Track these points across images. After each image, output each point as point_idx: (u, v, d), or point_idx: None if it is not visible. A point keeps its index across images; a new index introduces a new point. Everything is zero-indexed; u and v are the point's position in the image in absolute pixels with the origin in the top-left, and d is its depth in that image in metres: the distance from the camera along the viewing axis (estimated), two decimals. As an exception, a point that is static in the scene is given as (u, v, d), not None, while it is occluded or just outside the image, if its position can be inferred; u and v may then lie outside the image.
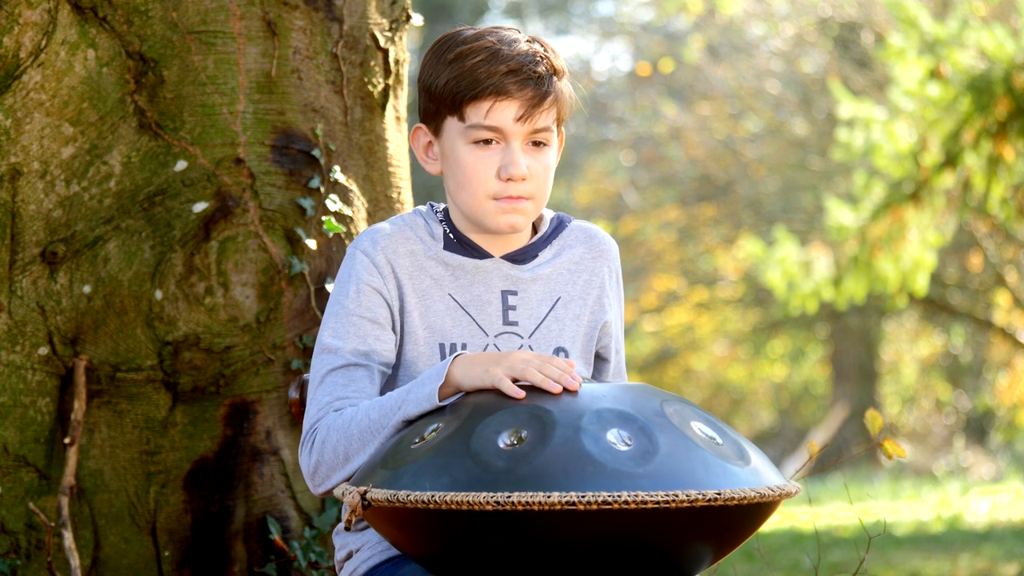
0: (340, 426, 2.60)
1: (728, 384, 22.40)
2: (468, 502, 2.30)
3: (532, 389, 2.47)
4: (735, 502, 2.33)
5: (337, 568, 2.77)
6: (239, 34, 3.50)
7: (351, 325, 2.68)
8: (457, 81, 2.67)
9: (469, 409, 2.46)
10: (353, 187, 3.59)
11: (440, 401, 2.53)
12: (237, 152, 3.48)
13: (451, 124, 2.70)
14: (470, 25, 2.77)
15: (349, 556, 2.73)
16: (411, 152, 3.85)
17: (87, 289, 3.42)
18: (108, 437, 3.43)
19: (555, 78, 2.70)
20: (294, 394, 2.91)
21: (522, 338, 2.74)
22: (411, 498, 2.35)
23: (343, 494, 2.47)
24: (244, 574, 3.44)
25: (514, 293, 2.75)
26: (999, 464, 19.44)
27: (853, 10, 16.72)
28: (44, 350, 3.41)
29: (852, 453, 3.59)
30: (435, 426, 2.46)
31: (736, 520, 2.37)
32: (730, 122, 18.87)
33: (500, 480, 2.31)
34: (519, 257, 2.77)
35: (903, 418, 21.50)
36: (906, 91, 9.92)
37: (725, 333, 20.36)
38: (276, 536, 3.43)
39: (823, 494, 13.03)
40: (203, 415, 3.45)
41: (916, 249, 10.28)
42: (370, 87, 3.63)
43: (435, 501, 2.32)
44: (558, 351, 2.77)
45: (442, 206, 2.80)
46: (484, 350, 2.71)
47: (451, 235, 2.76)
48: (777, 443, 21.91)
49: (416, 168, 4.05)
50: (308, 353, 3.50)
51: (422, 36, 16.71)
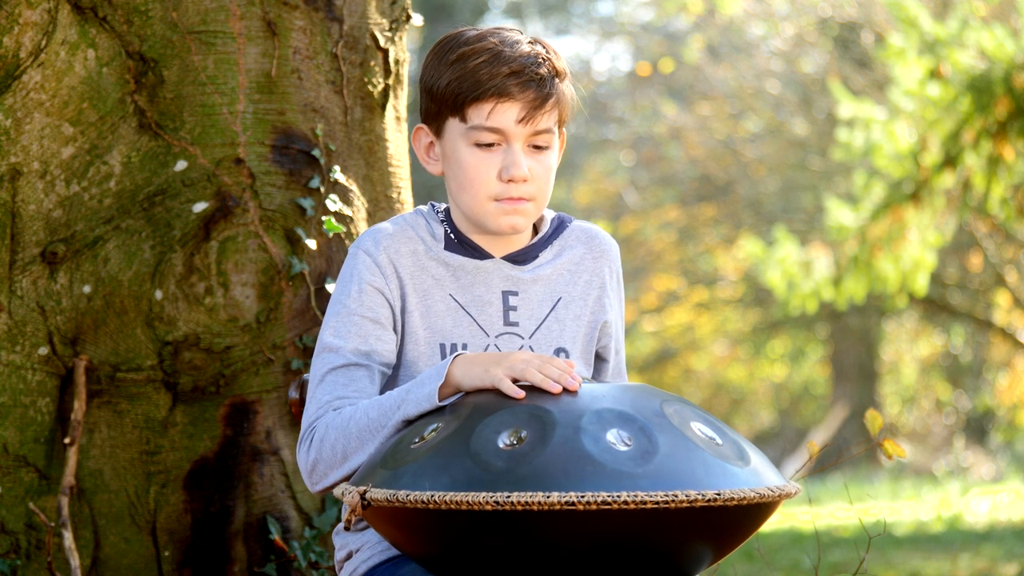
0: (339, 425, 2.60)
1: (728, 384, 22.40)
2: (468, 502, 2.30)
3: (532, 389, 2.47)
4: (735, 502, 2.33)
5: (337, 568, 2.77)
6: (239, 34, 3.50)
7: (352, 325, 2.68)
8: (459, 82, 2.67)
9: (469, 409, 2.46)
10: (353, 187, 3.58)
11: (440, 401, 2.52)
12: (237, 152, 3.48)
13: (453, 125, 2.70)
14: (470, 25, 2.77)
15: (349, 556, 2.73)
16: (411, 152, 3.85)
17: (87, 289, 3.42)
18: (108, 437, 3.43)
19: (557, 80, 2.70)
20: (294, 394, 2.91)
21: (523, 338, 2.74)
22: (411, 498, 2.35)
23: (343, 494, 2.47)
24: (244, 574, 3.44)
25: (515, 294, 2.75)
26: (999, 464, 19.44)
27: (853, 10, 16.72)
28: (44, 350, 3.41)
29: (852, 453, 3.59)
30: (435, 426, 2.46)
31: (736, 520, 2.37)
32: (730, 122, 18.86)
33: (500, 480, 2.31)
34: (520, 258, 2.77)
35: (903, 418, 21.50)
36: (906, 91, 9.91)
37: (725, 333, 20.36)
38: (276, 536, 3.43)
39: (823, 494, 13.03)
40: (203, 415, 3.45)
41: (916, 249, 10.28)
42: (370, 87, 3.63)
43: (435, 501, 2.32)
44: (559, 351, 2.77)
45: (443, 206, 2.80)
46: (485, 350, 2.71)
47: (452, 235, 2.76)
48: (777, 443, 21.90)
49: (416, 168, 4.04)
50: (308, 353, 3.50)
51: (422, 36, 16.70)
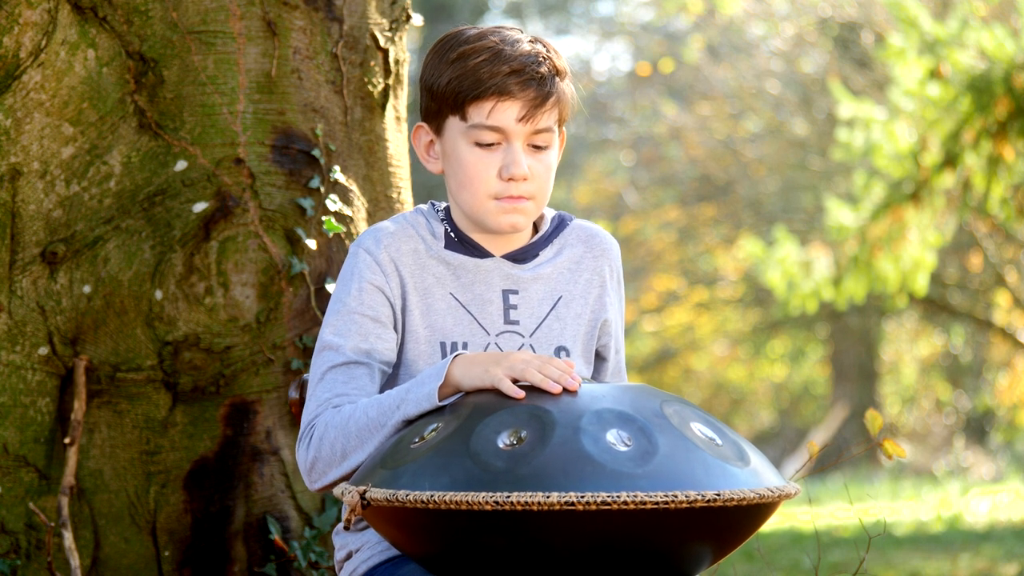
0: (338, 423, 2.60)
1: (728, 384, 22.40)
2: (467, 502, 2.30)
3: (532, 389, 2.47)
4: (734, 503, 2.33)
5: (337, 568, 2.77)
6: (239, 34, 3.50)
7: (352, 323, 2.68)
8: (459, 81, 2.67)
9: (469, 409, 2.46)
10: (353, 187, 3.58)
11: (440, 401, 2.52)
12: (237, 152, 3.48)
13: (453, 123, 2.70)
14: (471, 25, 2.77)
15: (349, 556, 2.73)
16: (411, 152, 3.85)
17: (87, 289, 3.42)
18: (108, 437, 3.43)
19: (557, 79, 2.70)
20: (294, 394, 2.91)
21: (523, 337, 2.74)
22: (410, 498, 2.34)
23: (342, 494, 2.47)
24: (244, 574, 3.44)
25: (515, 292, 2.75)
26: (999, 464, 19.44)
27: (853, 10, 16.72)
28: (44, 350, 3.41)
29: (852, 453, 3.59)
30: (435, 426, 2.46)
31: (735, 521, 2.37)
32: (730, 122, 18.86)
33: (499, 480, 2.31)
34: (520, 256, 2.77)
35: (903, 418, 21.50)
36: (906, 91, 9.91)
37: (725, 333, 20.35)
38: (276, 536, 3.43)
39: (823, 494, 13.03)
40: (203, 415, 3.45)
41: (916, 249, 10.28)
42: (370, 87, 3.63)
43: (434, 501, 2.32)
44: (559, 350, 2.77)
45: (443, 205, 2.80)
46: (485, 349, 2.71)
47: (452, 234, 2.76)
48: (777, 443, 21.90)
49: (416, 168, 4.04)
50: (308, 353, 3.50)
51: (422, 36, 16.70)
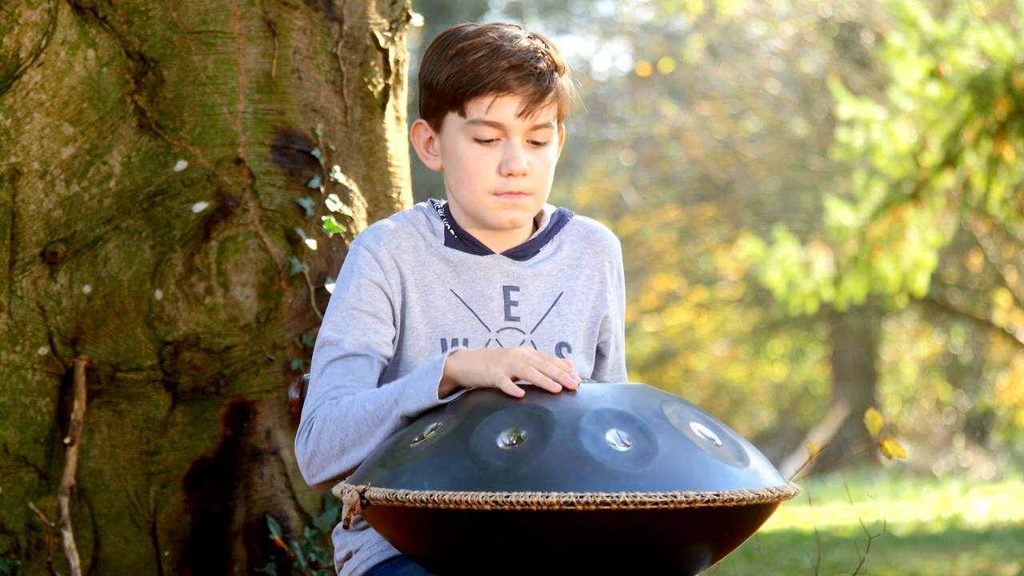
0: (336, 416, 2.59)
1: (728, 384, 22.39)
2: (467, 502, 2.30)
3: (531, 388, 2.47)
4: (733, 503, 2.33)
5: (337, 568, 2.77)
6: (239, 34, 3.50)
7: (351, 319, 2.68)
8: (458, 77, 2.67)
9: (468, 408, 2.46)
10: (353, 187, 3.59)
11: (439, 397, 2.52)
12: (237, 152, 3.48)
13: (452, 120, 2.70)
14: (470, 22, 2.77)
15: (349, 556, 2.73)
16: (411, 152, 3.86)
17: (87, 289, 3.42)
18: (108, 437, 3.43)
19: (556, 74, 2.70)
20: (294, 394, 2.91)
21: (524, 333, 2.74)
22: (410, 497, 2.34)
23: (342, 492, 2.47)
24: (244, 574, 3.44)
25: (515, 289, 2.75)
26: (999, 464, 19.43)
27: (853, 10, 16.72)
28: (44, 350, 3.41)
29: (852, 453, 3.59)
30: (434, 425, 2.46)
31: (735, 521, 2.37)
32: (730, 122, 18.86)
33: (499, 480, 2.31)
34: (520, 253, 2.77)
35: (903, 418, 21.50)
36: (906, 91, 9.91)
37: (725, 333, 20.35)
38: (276, 536, 3.43)
39: (823, 494, 13.03)
40: (203, 415, 3.45)
41: (916, 249, 10.28)
42: (370, 87, 3.63)
43: (434, 500, 2.32)
44: (560, 346, 2.76)
45: (443, 202, 2.80)
46: (486, 346, 2.71)
47: (452, 231, 2.76)
48: (777, 443, 21.90)
49: (416, 168, 4.04)
50: (308, 353, 3.50)
51: (422, 36, 16.70)
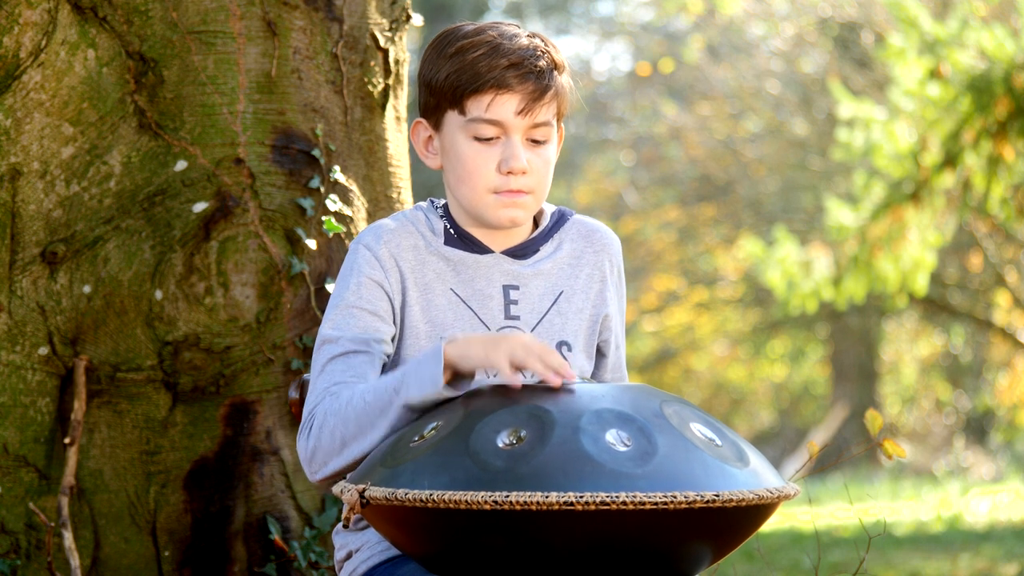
0: (336, 410, 2.59)
1: (728, 384, 22.40)
2: (466, 501, 2.30)
3: (531, 388, 2.47)
4: (733, 504, 2.33)
5: (337, 568, 2.77)
6: (239, 34, 3.50)
7: (351, 317, 2.68)
8: (458, 75, 2.67)
9: (468, 408, 2.46)
10: (353, 187, 3.59)
11: (444, 384, 2.51)
12: (237, 152, 3.48)
13: (451, 118, 2.70)
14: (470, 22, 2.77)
15: (349, 556, 2.73)
16: (411, 152, 3.86)
17: (87, 289, 3.42)
18: (108, 437, 3.44)
19: (555, 72, 2.70)
20: (294, 394, 2.91)
21: (524, 332, 2.74)
22: (410, 496, 2.34)
23: (341, 492, 2.47)
24: (244, 574, 3.44)
25: (515, 288, 2.75)
26: (999, 464, 19.44)
27: (853, 10, 16.72)
28: (44, 350, 3.41)
29: (852, 453, 3.59)
30: (434, 424, 2.46)
31: (734, 522, 2.37)
32: (730, 122, 18.87)
33: (499, 479, 2.31)
34: (520, 252, 2.77)
35: (903, 418, 21.50)
36: (906, 91, 9.92)
37: (725, 333, 20.36)
38: (276, 536, 3.43)
39: (823, 494, 13.03)
40: (203, 415, 3.45)
41: (916, 249, 10.28)
42: (370, 87, 3.63)
43: (433, 500, 2.32)
44: (561, 345, 2.76)
45: (442, 202, 2.80)
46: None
47: (451, 230, 2.76)
48: (777, 443, 21.90)
49: (416, 168, 4.04)
50: (308, 353, 3.50)
51: (422, 36, 16.70)
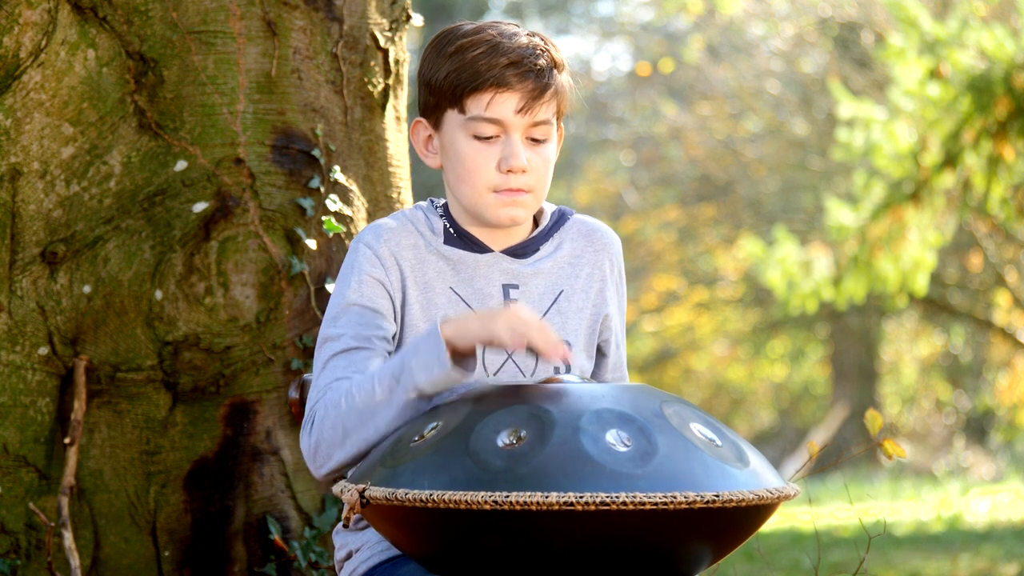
0: (336, 402, 2.58)
1: (728, 384, 22.40)
2: (466, 501, 2.30)
3: (532, 388, 2.47)
4: (733, 504, 2.33)
5: (337, 568, 2.77)
6: (239, 34, 3.50)
7: (353, 314, 2.67)
8: (458, 73, 2.67)
9: (468, 408, 2.46)
10: (353, 187, 3.59)
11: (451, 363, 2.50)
12: (237, 152, 3.49)
13: (451, 117, 2.70)
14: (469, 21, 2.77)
15: (349, 556, 2.73)
16: (411, 152, 3.86)
17: (87, 289, 3.42)
18: (108, 437, 3.44)
19: (555, 71, 2.70)
20: (294, 394, 2.91)
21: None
22: (409, 496, 2.34)
23: (341, 492, 2.47)
24: (244, 574, 3.44)
25: (515, 287, 2.75)
26: (999, 464, 19.44)
27: (853, 10, 16.72)
28: (44, 350, 3.41)
29: (852, 453, 3.59)
30: (434, 424, 2.46)
31: (734, 522, 2.37)
32: (730, 122, 18.87)
33: (498, 479, 2.31)
34: (520, 251, 2.77)
35: (903, 418, 21.50)
36: (906, 91, 9.92)
37: (725, 333, 20.36)
38: (276, 536, 3.43)
39: (823, 494, 13.03)
40: (203, 415, 3.46)
41: (916, 249, 10.28)
42: (370, 87, 3.63)
43: (433, 500, 2.32)
44: (561, 344, 2.76)
45: (442, 201, 2.80)
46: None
47: (451, 229, 2.75)
48: (777, 443, 21.90)
49: (416, 168, 4.05)
50: (308, 353, 3.50)
51: (422, 36, 16.70)
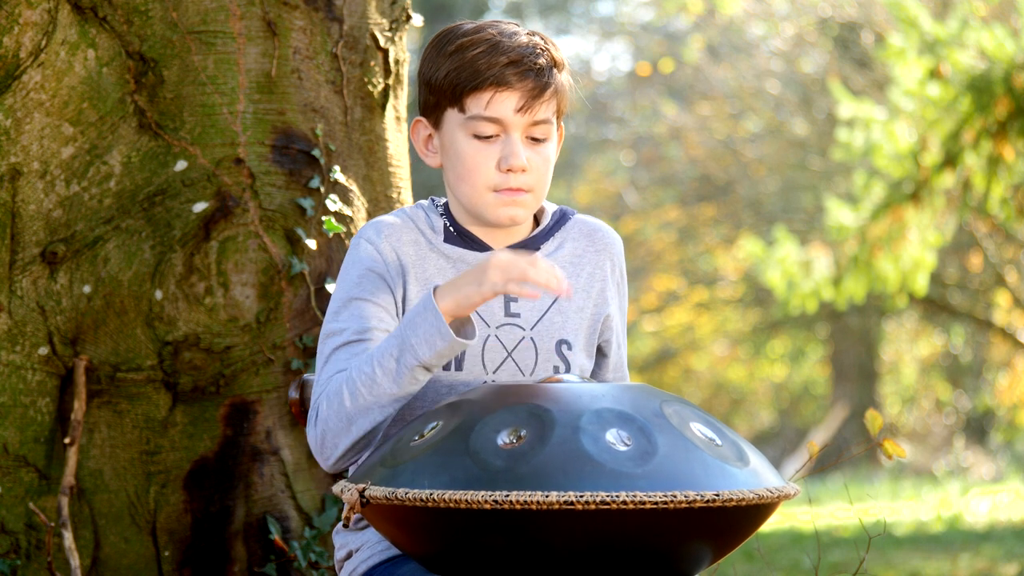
0: (337, 390, 2.58)
1: (728, 384, 22.40)
2: (466, 501, 2.30)
3: (532, 388, 2.47)
4: (733, 503, 2.33)
5: (337, 568, 2.77)
6: (239, 34, 3.50)
7: (355, 308, 2.67)
8: (458, 72, 2.67)
9: (468, 408, 2.46)
10: (353, 187, 3.59)
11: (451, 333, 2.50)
12: (237, 152, 3.49)
13: (451, 116, 2.70)
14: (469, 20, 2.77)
15: (349, 556, 2.73)
16: (411, 152, 3.86)
17: (87, 289, 3.42)
18: (108, 437, 3.44)
19: (555, 70, 2.70)
20: (294, 394, 2.91)
21: (524, 330, 2.74)
22: (409, 496, 2.34)
23: (342, 491, 2.47)
24: (244, 574, 3.44)
25: (515, 286, 2.75)
26: (999, 464, 19.44)
27: (853, 10, 16.73)
28: (44, 350, 3.41)
29: (852, 453, 3.59)
30: (434, 424, 2.46)
31: (734, 521, 2.37)
32: (730, 122, 18.87)
33: (499, 479, 2.31)
34: (520, 250, 2.77)
35: (903, 418, 21.50)
36: (906, 91, 9.92)
37: (725, 333, 20.36)
38: (276, 536, 3.43)
39: (823, 494, 13.03)
40: (203, 415, 3.46)
41: (916, 249, 10.28)
42: (370, 87, 3.63)
43: (433, 499, 2.32)
44: (561, 344, 2.76)
45: (443, 200, 2.80)
46: (485, 342, 2.71)
47: (451, 228, 2.75)
48: (777, 443, 21.90)
49: (416, 168, 4.05)
50: (308, 353, 3.50)
51: (422, 36, 16.70)
